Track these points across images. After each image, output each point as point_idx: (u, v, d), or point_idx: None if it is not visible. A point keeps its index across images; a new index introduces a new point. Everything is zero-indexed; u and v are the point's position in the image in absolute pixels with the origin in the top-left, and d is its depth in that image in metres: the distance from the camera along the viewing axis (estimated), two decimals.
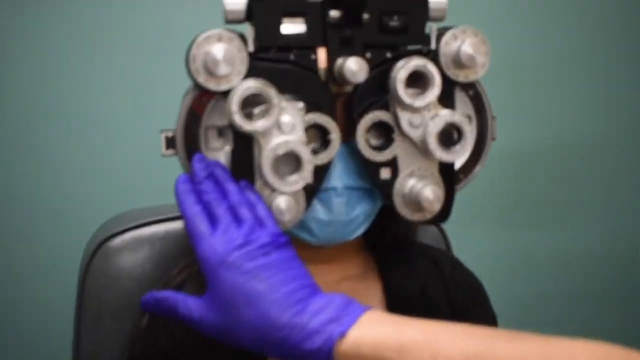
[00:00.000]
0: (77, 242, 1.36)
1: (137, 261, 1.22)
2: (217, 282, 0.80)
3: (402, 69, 0.92)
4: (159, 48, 1.84)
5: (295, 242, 0.97)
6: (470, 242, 2.12)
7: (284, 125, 0.90)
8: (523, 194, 2.23)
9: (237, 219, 0.85)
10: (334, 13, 0.91)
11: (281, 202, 0.90)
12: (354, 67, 0.90)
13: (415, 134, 0.95)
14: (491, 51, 0.97)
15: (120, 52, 1.84)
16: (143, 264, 1.22)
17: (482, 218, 2.19)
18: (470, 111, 1.00)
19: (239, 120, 0.88)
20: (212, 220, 0.85)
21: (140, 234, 1.24)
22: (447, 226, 1.41)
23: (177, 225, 1.24)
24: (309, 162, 0.90)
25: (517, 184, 2.22)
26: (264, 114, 0.90)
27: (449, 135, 0.97)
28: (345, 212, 0.97)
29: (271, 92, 0.88)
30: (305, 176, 0.91)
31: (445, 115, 0.94)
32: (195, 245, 0.83)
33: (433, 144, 0.94)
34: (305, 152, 0.90)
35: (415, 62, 0.92)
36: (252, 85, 0.88)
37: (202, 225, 0.84)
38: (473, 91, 0.99)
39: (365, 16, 0.91)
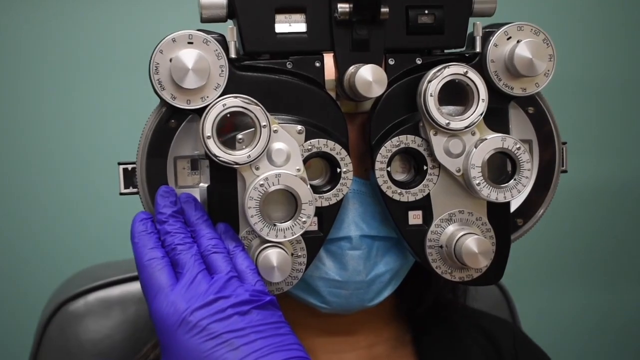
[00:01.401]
0: (33, 306, 1.29)
1: (104, 330, 1.15)
2: (173, 349, 0.72)
3: (434, 80, 0.81)
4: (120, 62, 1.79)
5: (302, 309, 0.92)
6: (539, 304, 2.02)
7: (276, 155, 0.82)
8: (605, 242, 2.11)
9: (208, 271, 0.78)
10: (342, 7, 0.82)
11: (271, 256, 0.82)
12: (369, 77, 0.82)
13: (453, 165, 0.86)
14: (557, 56, 0.87)
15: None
16: (112, 335, 1.14)
17: (554, 274, 2.09)
18: (531, 135, 0.91)
19: (214, 148, 0.80)
20: (175, 270, 0.78)
21: (108, 295, 1.17)
22: (510, 284, 1.32)
23: None
24: (310, 203, 0.81)
25: (596, 230, 2.11)
26: (250, 140, 0.79)
27: (501, 168, 0.87)
28: (364, 270, 0.89)
29: (257, 111, 0.78)
30: (303, 222, 0.82)
31: (493, 140, 0.85)
32: (149, 301, 0.76)
33: (478, 178, 0.84)
34: (303, 190, 0.81)
35: (451, 71, 0.83)
36: (232, 102, 0.79)
37: (161, 275, 0.76)
38: (534, 108, 0.90)
39: (385, 10, 0.82)
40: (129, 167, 0.85)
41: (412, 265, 0.94)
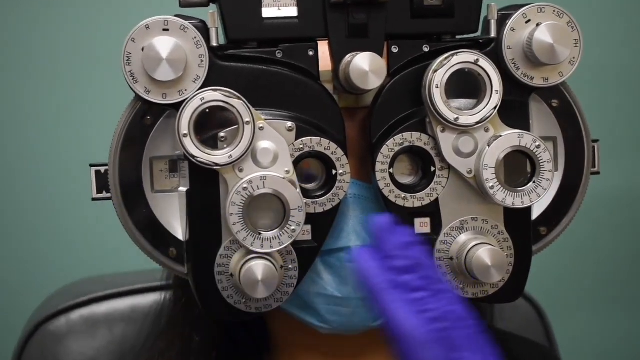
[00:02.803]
0: (13, 326, 1.30)
1: (89, 352, 1.16)
2: None
3: (441, 70, 0.81)
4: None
5: (301, 330, 0.91)
6: (576, 328, 1.98)
7: (261, 155, 0.82)
8: None
9: None
10: None
11: (255, 269, 0.81)
12: (366, 66, 0.81)
13: (464, 166, 0.85)
14: (584, 41, 0.85)
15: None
16: (97, 357, 1.15)
17: (592, 294, 2.06)
18: (556, 131, 0.89)
19: (191, 148, 0.80)
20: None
21: (93, 313, 1.18)
22: (547, 304, 1.29)
23: (147, 299, 1.15)
24: (299, 209, 0.81)
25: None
26: (233, 138, 0.80)
27: (520, 169, 0.85)
28: None
29: (239, 105, 0.78)
30: (292, 230, 0.81)
31: (509, 137, 0.83)
32: None
33: (491, 181, 0.82)
34: (291, 194, 0.81)
35: (460, 59, 0.82)
36: (211, 96, 0.79)
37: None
38: (558, 101, 0.89)
39: None
40: (102, 169, 0.85)
41: None
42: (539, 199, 0.84)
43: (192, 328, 1.01)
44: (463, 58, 0.82)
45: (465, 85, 0.84)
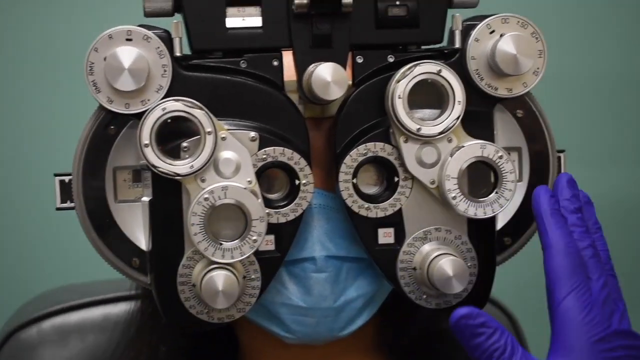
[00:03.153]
0: None
1: None
2: (583, 353, 0.78)
3: (403, 80, 0.81)
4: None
5: (269, 339, 0.91)
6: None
7: (223, 165, 0.81)
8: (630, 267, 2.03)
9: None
10: None
11: (215, 279, 0.81)
12: (327, 76, 0.81)
13: (427, 176, 0.84)
14: (547, 51, 0.85)
15: None
16: None
17: None
18: (520, 141, 0.89)
19: (152, 158, 0.80)
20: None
21: (65, 322, 1.17)
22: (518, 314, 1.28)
23: (119, 308, 1.15)
24: (261, 219, 0.80)
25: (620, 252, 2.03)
26: (195, 148, 0.80)
27: (484, 179, 0.85)
28: (332, 296, 0.88)
29: (201, 115, 0.78)
30: (253, 241, 0.81)
31: (471, 148, 0.83)
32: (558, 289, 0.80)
33: (453, 191, 0.83)
34: (252, 205, 0.80)
35: (422, 69, 0.82)
36: (172, 106, 0.79)
37: (581, 270, 0.80)
38: (523, 111, 0.88)
39: (348, 2, 0.82)
40: (66, 178, 0.84)
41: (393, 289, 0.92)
42: (501, 209, 0.84)
43: (158, 338, 1.01)
44: (426, 69, 0.82)
45: (432, 96, 0.84)
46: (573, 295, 0.79)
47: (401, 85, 0.81)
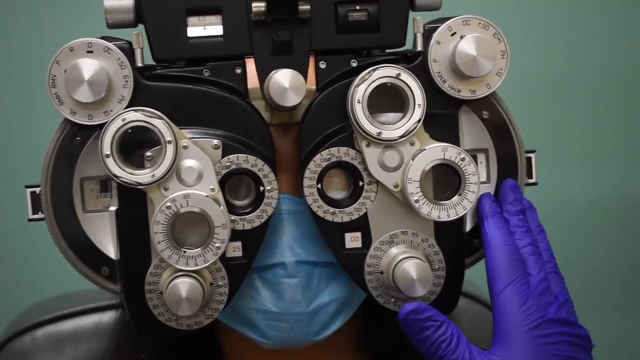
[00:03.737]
0: None
1: None
2: (518, 342, 0.81)
3: (362, 84, 0.81)
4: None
5: (248, 344, 0.91)
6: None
7: (186, 174, 0.82)
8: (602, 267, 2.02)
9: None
10: (257, 6, 0.81)
11: (179, 286, 0.81)
12: (285, 83, 0.82)
13: (390, 180, 0.84)
14: (510, 51, 0.85)
15: None
16: None
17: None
18: (486, 142, 0.89)
19: (114, 168, 0.81)
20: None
21: (58, 330, 1.18)
22: None
23: (110, 316, 1.15)
24: (223, 226, 0.81)
25: (590, 253, 2.01)
26: (158, 158, 0.80)
27: (449, 181, 0.85)
28: (304, 300, 0.88)
29: (161, 125, 0.79)
30: (216, 248, 0.82)
31: (433, 151, 0.83)
32: (495, 282, 0.83)
33: (416, 194, 0.82)
34: (214, 212, 0.81)
35: (381, 73, 0.82)
36: (132, 117, 0.79)
37: (518, 266, 0.83)
38: (489, 112, 0.88)
39: (305, 8, 0.81)
40: (37, 190, 0.85)
41: None
42: (464, 211, 0.84)
43: (137, 346, 1.01)
44: (384, 72, 0.82)
45: (397, 100, 0.84)
46: (510, 287, 0.81)
47: (360, 90, 0.81)
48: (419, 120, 0.82)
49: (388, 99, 0.84)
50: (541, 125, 1.76)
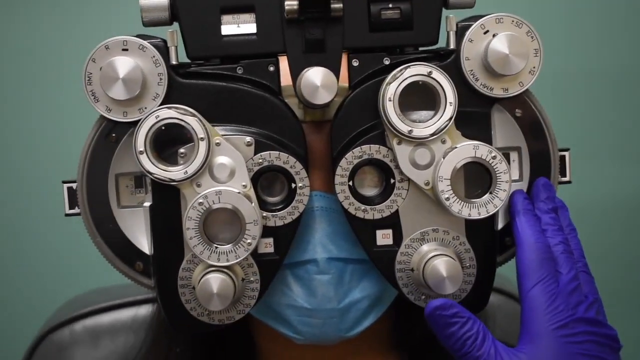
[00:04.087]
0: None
1: None
2: (543, 341, 0.81)
3: (394, 82, 0.82)
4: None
5: (282, 340, 0.92)
6: None
7: (218, 170, 0.83)
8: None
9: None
10: (290, 4, 0.81)
11: (210, 281, 0.82)
12: (317, 81, 0.82)
13: (421, 178, 0.84)
14: (543, 49, 0.85)
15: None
16: None
17: None
18: (520, 141, 0.88)
19: (147, 164, 0.82)
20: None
21: (96, 323, 1.20)
22: None
23: (147, 310, 1.17)
24: (255, 222, 0.81)
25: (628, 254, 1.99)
26: (191, 154, 0.81)
27: (479, 180, 0.85)
28: (336, 297, 0.89)
29: (193, 122, 0.79)
30: (247, 244, 0.83)
31: (464, 149, 0.83)
32: (525, 280, 0.83)
33: (446, 192, 0.82)
34: (246, 208, 0.81)
35: (412, 72, 0.82)
36: (165, 114, 0.80)
37: (549, 264, 0.83)
38: (522, 111, 0.88)
39: (338, 6, 0.80)
40: (74, 185, 0.87)
41: None
42: (495, 209, 0.83)
43: (171, 340, 1.02)
44: (416, 71, 0.82)
45: (430, 97, 0.84)
46: (539, 285, 0.81)
47: (392, 88, 0.81)
48: (450, 119, 0.82)
49: (420, 97, 0.84)
50: (576, 122, 1.75)
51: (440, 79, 0.82)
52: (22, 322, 1.36)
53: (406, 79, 0.81)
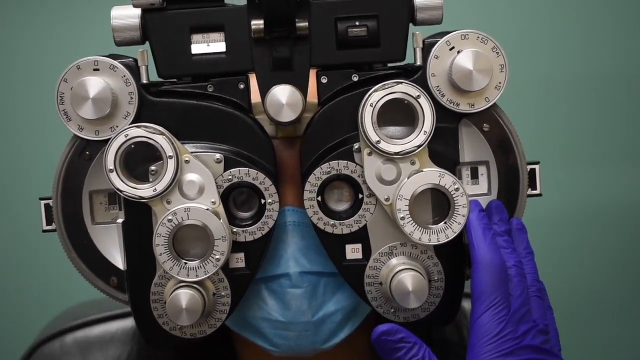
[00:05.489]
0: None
1: None
2: (476, 350, 0.82)
3: (381, 91, 0.83)
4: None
5: (261, 353, 0.93)
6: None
7: (187, 187, 0.84)
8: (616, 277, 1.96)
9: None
10: (255, 24, 0.83)
11: (180, 297, 0.83)
12: (282, 99, 0.83)
13: (383, 193, 0.85)
14: (508, 65, 0.85)
15: None
16: None
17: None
18: (487, 155, 0.89)
19: (117, 182, 0.83)
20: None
21: (86, 335, 1.18)
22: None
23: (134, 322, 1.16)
24: (223, 238, 0.82)
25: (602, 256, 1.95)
26: (160, 172, 0.82)
27: (441, 206, 0.86)
28: (310, 310, 0.90)
29: (162, 140, 0.80)
30: (216, 259, 0.83)
31: (430, 174, 0.84)
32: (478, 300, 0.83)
33: (403, 212, 0.84)
34: (214, 225, 0.82)
35: (403, 89, 0.83)
36: (134, 132, 0.81)
37: (504, 285, 0.83)
38: (489, 125, 0.88)
39: (303, 25, 0.81)
40: (50, 202, 0.88)
41: None
42: (447, 239, 0.84)
43: (154, 351, 1.03)
44: (407, 90, 0.82)
45: (405, 116, 0.85)
46: (490, 311, 0.80)
47: (377, 95, 0.82)
48: (419, 146, 0.83)
49: (402, 115, 0.85)
50: (552, 129, 1.74)
51: (425, 106, 0.82)
52: (13, 334, 1.37)
53: (395, 92, 0.82)
